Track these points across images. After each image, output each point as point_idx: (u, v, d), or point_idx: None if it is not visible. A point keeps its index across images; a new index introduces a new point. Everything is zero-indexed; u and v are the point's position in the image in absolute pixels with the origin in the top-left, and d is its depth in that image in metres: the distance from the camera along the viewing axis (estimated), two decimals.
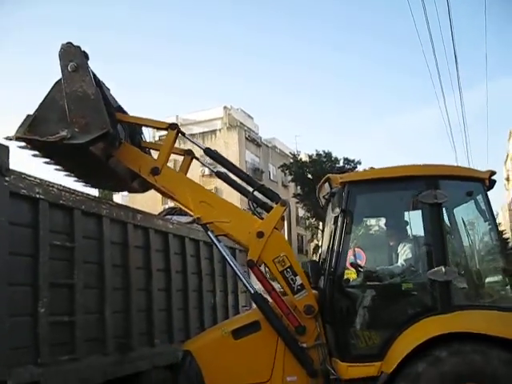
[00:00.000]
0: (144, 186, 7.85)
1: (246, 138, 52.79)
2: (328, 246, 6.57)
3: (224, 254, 6.77)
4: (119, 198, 33.87)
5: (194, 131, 47.65)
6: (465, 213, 6.68)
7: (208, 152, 7.11)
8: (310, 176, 43.67)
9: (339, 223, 6.21)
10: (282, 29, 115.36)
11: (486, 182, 6.41)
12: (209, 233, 6.60)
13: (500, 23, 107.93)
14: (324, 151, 47.43)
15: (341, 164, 44.64)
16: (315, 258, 61.52)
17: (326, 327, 6.30)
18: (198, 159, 7.39)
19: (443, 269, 5.95)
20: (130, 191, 8.81)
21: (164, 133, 7.19)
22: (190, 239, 9.34)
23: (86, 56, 6.26)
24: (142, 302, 7.78)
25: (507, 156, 74.22)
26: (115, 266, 7.16)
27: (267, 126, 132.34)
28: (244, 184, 7.16)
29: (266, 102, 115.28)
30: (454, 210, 6.74)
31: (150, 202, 24.46)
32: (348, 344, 6.13)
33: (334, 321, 6.19)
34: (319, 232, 46.37)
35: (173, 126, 6.94)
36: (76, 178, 7.60)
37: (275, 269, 6.33)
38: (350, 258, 6.53)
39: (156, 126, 7.36)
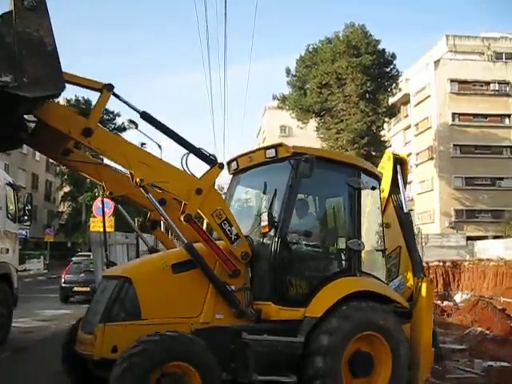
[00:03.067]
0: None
1: None
2: (271, 205, 7.38)
3: (163, 213, 7.00)
4: None
5: None
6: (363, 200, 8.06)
7: (144, 115, 6.99)
8: None
9: (289, 188, 7.34)
10: None
11: (380, 180, 8.61)
12: (149, 195, 6.84)
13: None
14: (83, 98, 53.82)
15: None
16: (64, 206, 64.41)
17: (255, 273, 7.21)
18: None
19: (358, 241, 7.66)
20: None
21: None
22: None
23: None
24: None
25: (260, 130, 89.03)
26: None
27: None
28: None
29: None
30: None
31: None
32: (282, 290, 7.16)
33: (272, 268, 7.11)
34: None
35: (108, 87, 6.67)
36: None
37: (214, 222, 6.93)
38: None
39: (91, 85, 6.78)
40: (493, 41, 63.12)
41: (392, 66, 49.69)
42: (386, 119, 51.81)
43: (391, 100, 52.76)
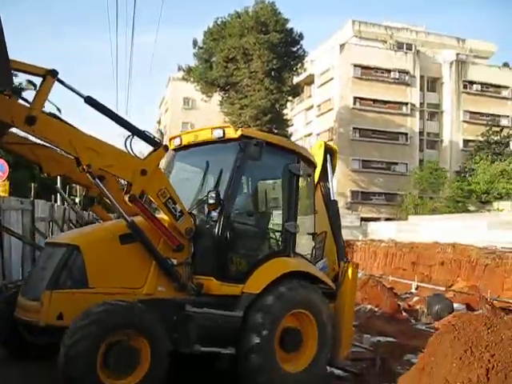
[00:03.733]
0: None
1: None
2: (217, 184, 7.73)
3: (106, 193, 7.08)
4: None
5: None
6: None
7: (89, 100, 6.88)
8: None
9: (236, 169, 7.64)
10: None
11: (315, 168, 9.10)
12: (96, 180, 6.88)
13: None
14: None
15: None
16: None
17: (198, 249, 7.47)
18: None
19: (294, 224, 8.10)
20: None
21: None
22: None
23: None
24: None
25: (162, 100, 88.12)
26: None
27: None
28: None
29: None
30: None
31: None
32: (224, 266, 7.52)
33: (216, 245, 7.43)
34: None
35: (53, 73, 6.49)
36: None
37: (159, 200, 7.13)
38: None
39: (33, 71, 6.66)
40: (395, 30, 65.21)
41: (299, 46, 50.02)
42: (290, 98, 52.32)
43: (296, 80, 53.26)
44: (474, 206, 46.57)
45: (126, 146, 7.13)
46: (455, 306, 18.03)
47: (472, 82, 63.88)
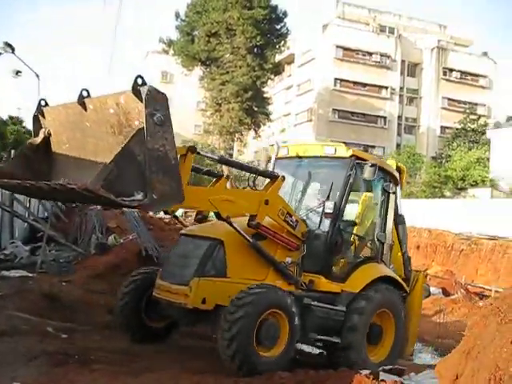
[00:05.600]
0: None
1: None
2: (328, 195, 8.92)
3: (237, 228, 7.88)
4: None
5: None
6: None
7: (221, 160, 8.61)
8: None
9: (348, 184, 8.81)
10: None
11: (397, 186, 10.04)
12: (234, 225, 7.71)
13: None
14: None
15: None
16: None
17: (309, 250, 8.57)
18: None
19: (385, 235, 9.46)
20: None
21: None
22: None
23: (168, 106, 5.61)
24: None
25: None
26: None
27: None
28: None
29: None
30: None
31: None
32: (331, 266, 8.81)
33: (327, 249, 8.66)
34: None
35: (192, 150, 7.32)
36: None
37: (279, 219, 8.20)
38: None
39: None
40: (378, 13, 64.96)
41: (283, 24, 49.42)
42: (272, 76, 51.83)
43: (277, 58, 52.80)
44: (450, 192, 46.89)
45: (248, 185, 8.23)
46: (431, 289, 18.17)
47: (451, 70, 64.29)
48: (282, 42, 49.95)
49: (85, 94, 6.11)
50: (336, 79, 60.14)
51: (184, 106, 62.68)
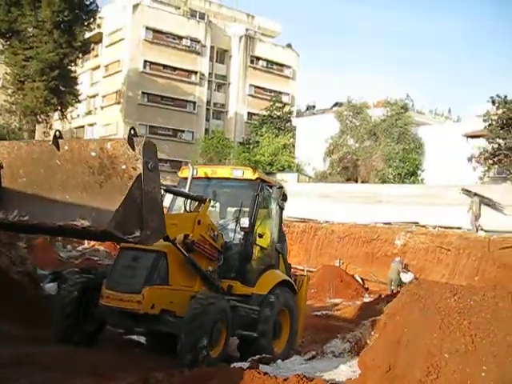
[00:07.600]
0: None
1: None
2: (239, 213, 10.51)
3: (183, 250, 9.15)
4: None
5: None
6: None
7: (167, 190, 9.62)
8: None
9: (257, 203, 10.40)
10: None
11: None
12: (177, 246, 8.86)
13: None
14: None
15: None
16: None
17: (226, 259, 9.92)
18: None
19: (281, 245, 11.33)
20: None
21: None
22: None
23: None
24: None
25: None
26: None
27: None
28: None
29: None
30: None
31: None
32: (245, 273, 10.27)
33: (243, 258, 10.18)
34: None
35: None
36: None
37: (207, 235, 9.45)
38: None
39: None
40: None
41: (92, 0, 47.13)
42: (80, 55, 49.24)
43: (86, 36, 50.23)
44: None
45: (185, 208, 9.91)
46: None
47: (258, 58, 66.50)
48: (92, 20, 47.61)
49: (58, 134, 6.41)
50: (146, 61, 58.99)
51: None
